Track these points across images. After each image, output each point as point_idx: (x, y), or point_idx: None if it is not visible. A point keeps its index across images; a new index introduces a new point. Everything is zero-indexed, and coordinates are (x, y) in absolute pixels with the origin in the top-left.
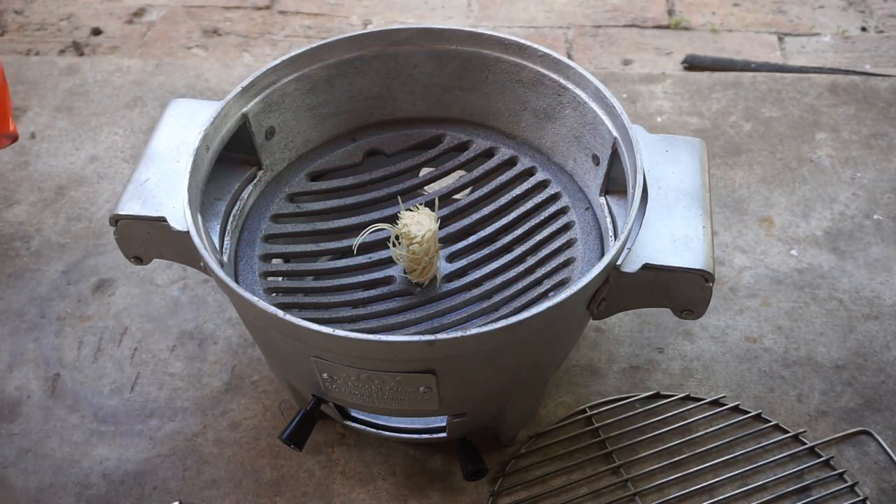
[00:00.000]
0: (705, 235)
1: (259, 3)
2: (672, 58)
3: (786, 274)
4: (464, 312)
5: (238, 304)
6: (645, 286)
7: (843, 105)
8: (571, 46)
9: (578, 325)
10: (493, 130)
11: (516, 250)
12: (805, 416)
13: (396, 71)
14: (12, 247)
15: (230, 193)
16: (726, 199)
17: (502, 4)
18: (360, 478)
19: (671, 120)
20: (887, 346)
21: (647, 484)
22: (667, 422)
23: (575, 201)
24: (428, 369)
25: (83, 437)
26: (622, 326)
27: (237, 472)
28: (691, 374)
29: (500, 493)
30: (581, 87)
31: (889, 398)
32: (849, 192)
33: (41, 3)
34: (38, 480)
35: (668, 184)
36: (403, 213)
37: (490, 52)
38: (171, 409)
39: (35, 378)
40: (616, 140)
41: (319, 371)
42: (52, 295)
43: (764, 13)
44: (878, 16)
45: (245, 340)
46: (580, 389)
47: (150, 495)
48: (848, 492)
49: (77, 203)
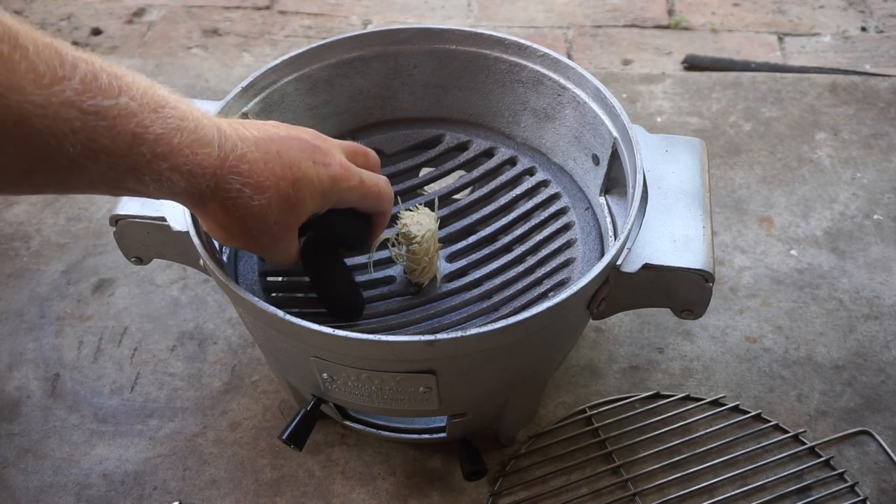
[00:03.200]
0: (705, 235)
1: (259, 3)
2: (672, 58)
3: (786, 274)
4: (464, 312)
5: (238, 304)
6: (645, 286)
7: (843, 105)
8: (571, 46)
9: (578, 325)
10: (493, 130)
11: (516, 250)
12: (805, 416)
13: (396, 71)
14: (12, 247)
15: None
16: (726, 199)
17: (502, 4)
18: (360, 478)
19: (671, 120)
20: (887, 346)
21: (647, 484)
22: (667, 422)
23: (575, 201)
24: (428, 369)
25: (83, 437)
26: (622, 326)
27: (237, 472)
28: (691, 374)
29: (500, 493)
30: (581, 87)
31: (889, 398)
32: (849, 192)
33: (41, 4)
34: (37, 480)
35: (668, 184)
36: (403, 213)
37: (490, 52)
38: (171, 409)
39: (35, 378)
40: (616, 140)
41: (319, 371)
42: (52, 295)
43: (764, 13)
44: (878, 16)
45: (245, 340)
46: (580, 389)
47: (150, 495)
48: (848, 492)
49: (77, 203)
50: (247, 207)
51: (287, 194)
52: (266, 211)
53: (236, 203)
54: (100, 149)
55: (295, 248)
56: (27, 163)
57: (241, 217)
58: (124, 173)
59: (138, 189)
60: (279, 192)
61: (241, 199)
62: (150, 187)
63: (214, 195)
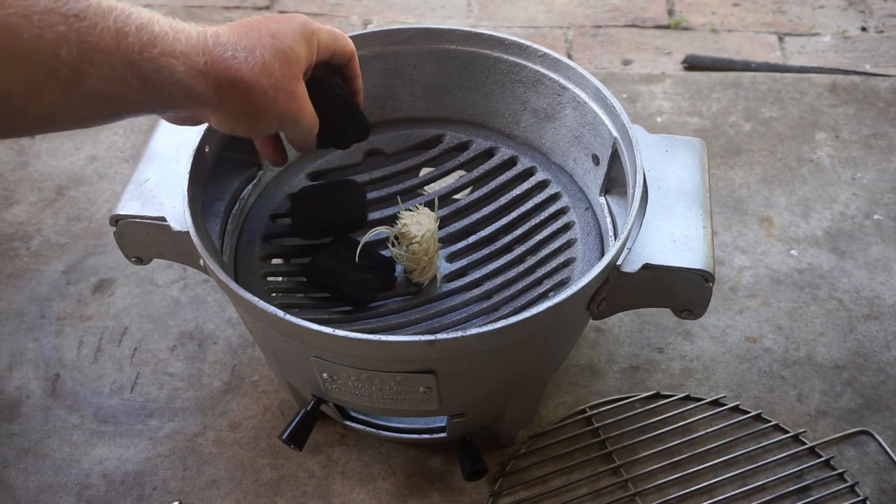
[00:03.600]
0: (705, 235)
1: (259, 4)
2: (672, 58)
3: (786, 274)
4: (464, 312)
5: (238, 304)
6: (645, 286)
7: (843, 105)
8: (571, 46)
9: (578, 325)
10: (493, 130)
11: (516, 250)
12: (805, 416)
13: (396, 71)
14: (12, 247)
15: (230, 193)
16: (726, 199)
17: (502, 4)
18: (360, 478)
19: (671, 120)
20: (887, 346)
21: (647, 484)
22: (667, 422)
23: (575, 201)
24: (428, 369)
25: (83, 438)
26: (622, 326)
27: (237, 472)
28: (691, 374)
29: (500, 493)
30: (581, 87)
31: (889, 398)
32: (849, 192)
33: None
34: (38, 480)
35: (668, 184)
36: (403, 213)
37: (490, 52)
38: (171, 409)
39: (35, 378)
40: (616, 140)
41: (319, 371)
42: (52, 295)
43: (764, 13)
44: (878, 16)
45: (245, 340)
46: (580, 389)
47: (150, 495)
48: (848, 492)
49: (77, 203)
50: (249, 69)
51: (275, 46)
52: (267, 66)
53: (239, 70)
54: (91, 48)
55: (311, 107)
56: (33, 80)
57: (250, 83)
58: (123, 72)
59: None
60: (267, 47)
61: (240, 64)
62: (155, 85)
63: (215, 68)
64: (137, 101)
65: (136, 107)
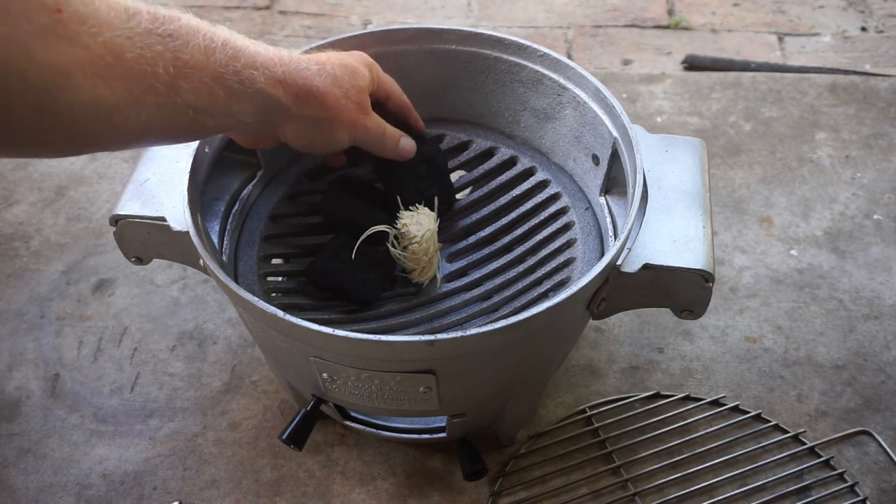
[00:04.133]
0: (705, 235)
1: (259, 3)
2: (672, 58)
3: (786, 274)
4: (464, 312)
5: (238, 304)
6: (645, 286)
7: (843, 105)
8: (571, 46)
9: (578, 325)
10: (492, 130)
11: (516, 250)
12: (805, 416)
13: (396, 71)
14: (12, 247)
15: (230, 193)
16: (726, 199)
17: (502, 4)
18: (359, 478)
19: (671, 120)
20: (887, 346)
21: (647, 484)
22: (667, 422)
23: (575, 201)
24: (428, 369)
25: (83, 438)
26: (622, 326)
27: (237, 472)
28: (691, 374)
29: (500, 493)
30: (581, 87)
31: (889, 398)
32: (849, 192)
33: None
34: (37, 480)
35: (668, 184)
36: (403, 212)
37: (490, 52)
38: (171, 409)
39: (35, 378)
40: (616, 140)
41: (319, 371)
42: (52, 295)
43: (764, 13)
44: (878, 16)
45: (245, 340)
46: (580, 389)
47: (150, 495)
48: (848, 492)
49: (77, 203)
50: (322, 80)
51: (342, 63)
52: (338, 78)
53: (313, 80)
54: (183, 65)
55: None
56: (134, 96)
57: (324, 91)
58: (211, 84)
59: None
60: (336, 65)
61: (313, 75)
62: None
63: (292, 77)
64: (223, 112)
65: (221, 118)
